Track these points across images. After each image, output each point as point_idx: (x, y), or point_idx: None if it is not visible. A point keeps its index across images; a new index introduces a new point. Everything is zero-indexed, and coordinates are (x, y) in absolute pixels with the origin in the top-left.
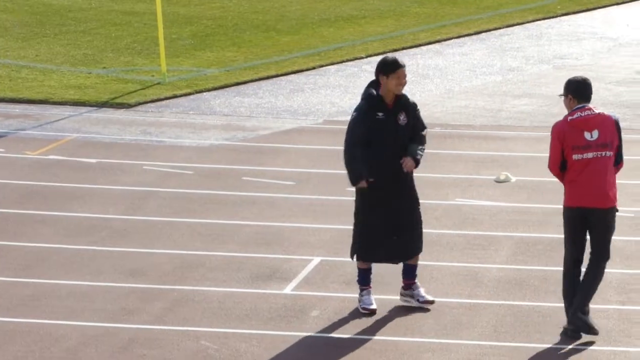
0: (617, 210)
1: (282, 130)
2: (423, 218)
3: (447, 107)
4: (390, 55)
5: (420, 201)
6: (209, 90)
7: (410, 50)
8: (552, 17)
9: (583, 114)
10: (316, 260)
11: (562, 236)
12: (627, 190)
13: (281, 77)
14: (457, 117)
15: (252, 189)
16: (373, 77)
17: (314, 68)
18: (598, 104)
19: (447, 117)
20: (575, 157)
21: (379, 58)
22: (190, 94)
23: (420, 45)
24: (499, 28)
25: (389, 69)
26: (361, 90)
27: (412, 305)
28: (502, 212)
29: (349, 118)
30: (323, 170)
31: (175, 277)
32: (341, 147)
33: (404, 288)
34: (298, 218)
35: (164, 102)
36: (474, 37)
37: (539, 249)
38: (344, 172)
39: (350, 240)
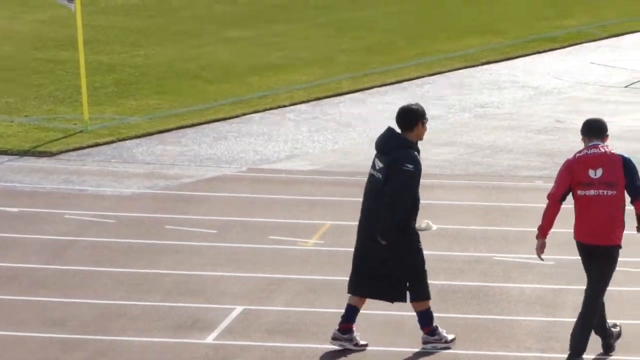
0: (618, 249)
1: (205, 178)
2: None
3: (370, 156)
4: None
5: (343, 249)
6: (131, 138)
7: (334, 99)
8: (474, 65)
9: (589, 152)
10: (238, 309)
11: (483, 284)
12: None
13: (205, 125)
14: None
15: (175, 237)
16: (293, 125)
17: (238, 116)
18: (518, 152)
19: (369, 165)
20: (579, 192)
21: (303, 106)
22: (112, 142)
23: (343, 93)
24: (421, 77)
25: (424, 115)
26: (285, 138)
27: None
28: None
29: (274, 166)
30: (246, 218)
31: (96, 327)
32: (265, 196)
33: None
34: (221, 267)
35: (86, 151)
36: (396, 85)
37: (459, 296)
38: (267, 220)
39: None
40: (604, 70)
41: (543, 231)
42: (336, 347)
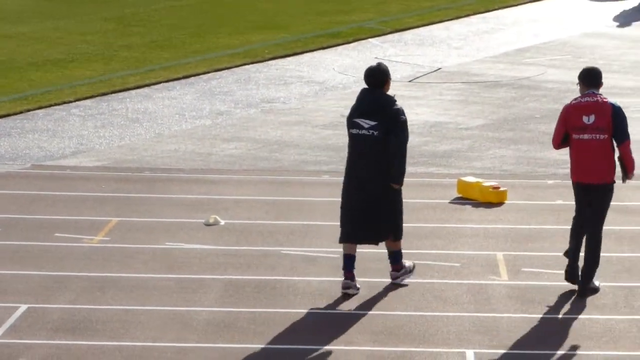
0: (612, 185)
1: None
2: (132, 263)
3: (157, 151)
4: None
5: (130, 246)
6: None
7: (119, 95)
8: (260, 61)
9: (583, 100)
10: (23, 307)
11: (271, 277)
12: (329, 237)
13: None
14: (167, 160)
15: None
16: (78, 121)
17: (21, 112)
18: (305, 147)
19: (157, 161)
20: (574, 136)
21: (88, 102)
22: None
23: (129, 89)
24: (208, 72)
25: (389, 73)
26: (71, 134)
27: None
28: (211, 254)
29: (59, 162)
30: (30, 215)
31: None
32: (49, 193)
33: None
34: (4, 265)
35: None
36: (183, 81)
37: (247, 290)
38: (52, 217)
39: None
40: (388, 65)
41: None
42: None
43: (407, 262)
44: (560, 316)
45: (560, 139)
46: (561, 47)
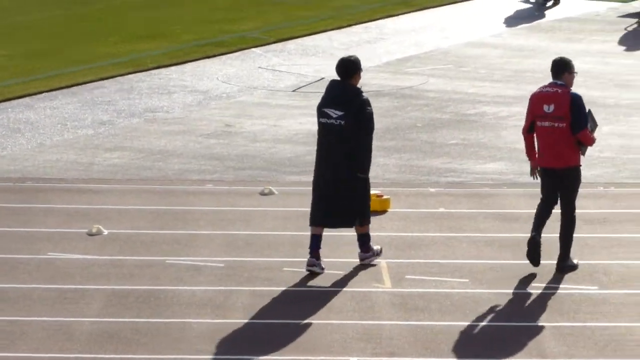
0: (578, 169)
1: None
2: (15, 274)
3: (39, 161)
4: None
5: (13, 256)
6: None
7: (0, 104)
8: (143, 70)
9: (544, 90)
10: None
11: (155, 287)
12: (210, 243)
13: None
14: (49, 170)
15: None
16: None
17: None
18: (189, 157)
19: (39, 170)
20: (538, 124)
21: None
22: None
23: (10, 99)
24: (91, 81)
25: (361, 65)
26: None
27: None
28: (94, 265)
29: None
30: None
31: None
32: None
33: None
34: None
35: None
36: (66, 90)
37: (131, 301)
38: None
39: None
40: (272, 74)
41: (530, 156)
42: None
43: (375, 246)
44: (443, 323)
45: (528, 126)
46: (443, 56)
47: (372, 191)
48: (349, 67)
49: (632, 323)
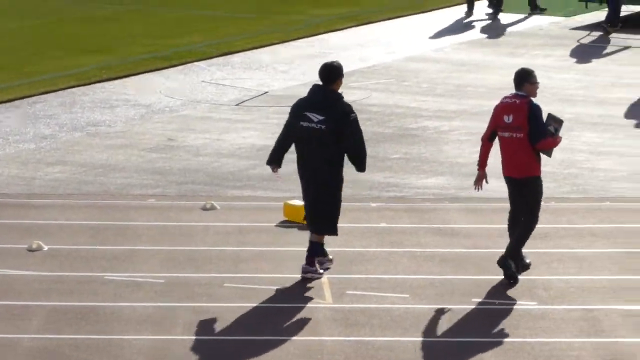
0: (538, 178)
1: None
2: None
3: None
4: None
5: None
6: None
7: None
8: (86, 84)
9: (505, 101)
10: None
11: (94, 304)
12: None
13: None
14: None
15: None
16: None
17: None
18: (131, 171)
19: None
20: (499, 134)
21: None
22: None
23: None
24: (32, 95)
25: (343, 71)
26: None
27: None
28: (35, 281)
29: None
30: None
31: None
32: None
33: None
34: None
35: None
36: (7, 104)
37: (70, 317)
38: None
39: None
40: (215, 88)
41: (480, 165)
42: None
43: (320, 269)
44: (384, 339)
45: (488, 135)
46: (385, 71)
47: None
48: (331, 73)
49: (572, 339)
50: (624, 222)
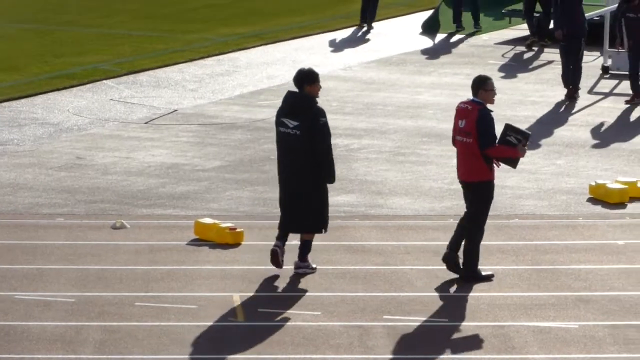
0: (488, 183)
1: None
2: None
3: None
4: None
5: None
6: None
7: None
8: None
9: (460, 106)
10: None
11: (4, 323)
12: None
13: None
14: None
15: None
16: None
17: None
18: (39, 190)
19: None
20: (455, 137)
21: None
22: None
23: None
24: None
25: (318, 76)
26: None
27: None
28: None
29: None
30: None
31: None
32: None
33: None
34: None
35: None
36: None
37: None
38: None
39: None
40: (124, 106)
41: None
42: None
43: (313, 264)
44: (296, 356)
45: (453, 140)
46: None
47: (225, 224)
48: (302, 78)
49: (483, 355)
50: (532, 239)
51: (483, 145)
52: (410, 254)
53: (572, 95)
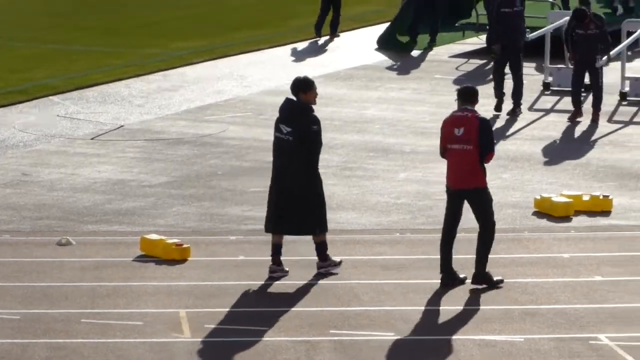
0: (486, 189)
1: None
2: None
3: None
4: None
5: None
6: None
7: None
8: None
9: (456, 114)
10: None
11: None
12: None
13: None
14: None
15: None
16: None
17: None
18: None
19: None
20: (448, 146)
21: None
22: None
23: None
24: None
25: (314, 83)
26: None
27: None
28: None
29: None
30: None
31: None
32: None
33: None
34: None
35: None
36: None
37: None
38: None
39: None
40: (70, 122)
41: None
42: None
43: (335, 257)
44: None
45: (443, 150)
46: (242, 104)
47: (171, 240)
48: (297, 86)
49: None
50: None
51: (487, 150)
52: (357, 268)
53: (511, 111)
